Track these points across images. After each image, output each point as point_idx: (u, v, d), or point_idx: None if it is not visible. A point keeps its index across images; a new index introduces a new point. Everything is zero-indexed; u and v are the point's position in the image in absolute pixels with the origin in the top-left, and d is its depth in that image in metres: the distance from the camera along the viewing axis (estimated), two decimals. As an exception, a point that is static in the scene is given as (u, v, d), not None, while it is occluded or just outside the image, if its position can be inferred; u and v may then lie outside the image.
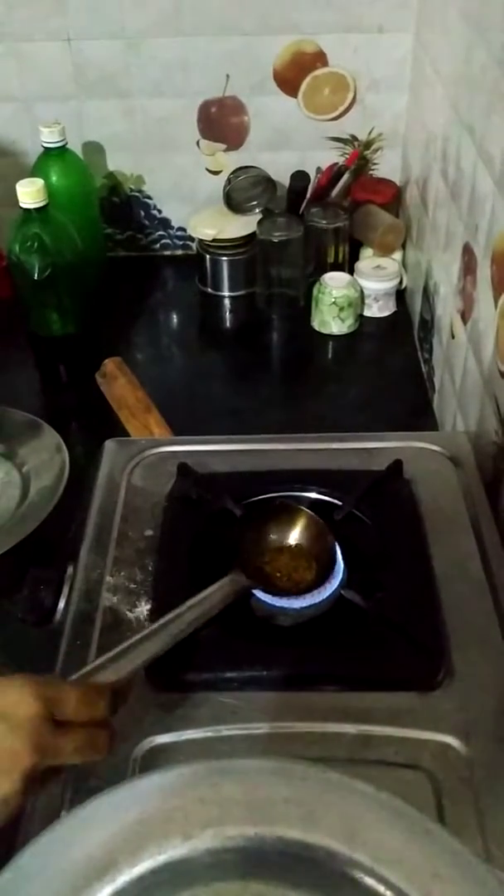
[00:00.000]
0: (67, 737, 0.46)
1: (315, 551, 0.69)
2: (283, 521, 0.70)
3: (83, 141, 1.28)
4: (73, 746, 0.47)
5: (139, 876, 0.36)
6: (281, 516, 0.70)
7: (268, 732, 0.59)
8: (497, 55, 0.78)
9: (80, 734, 0.47)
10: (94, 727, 0.48)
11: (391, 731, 0.59)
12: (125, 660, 0.54)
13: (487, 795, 0.55)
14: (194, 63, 1.22)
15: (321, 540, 0.69)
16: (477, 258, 0.86)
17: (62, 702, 0.47)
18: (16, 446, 0.97)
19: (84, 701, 0.48)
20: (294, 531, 0.70)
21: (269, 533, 0.70)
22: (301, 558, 0.69)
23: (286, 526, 0.70)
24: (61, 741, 0.46)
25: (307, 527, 0.70)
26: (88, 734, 0.48)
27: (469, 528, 0.74)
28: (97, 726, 0.48)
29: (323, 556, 0.68)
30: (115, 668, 0.53)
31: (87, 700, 0.48)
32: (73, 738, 0.47)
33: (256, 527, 0.70)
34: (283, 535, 0.70)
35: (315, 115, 1.27)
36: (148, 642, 0.56)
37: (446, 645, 0.64)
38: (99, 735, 0.48)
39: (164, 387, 1.10)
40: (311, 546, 0.69)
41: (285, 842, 0.37)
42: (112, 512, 0.77)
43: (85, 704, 0.48)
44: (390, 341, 1.22)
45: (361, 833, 0.37)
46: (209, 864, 0.37)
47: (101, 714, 0.49)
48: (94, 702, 0.49)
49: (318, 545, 0.69)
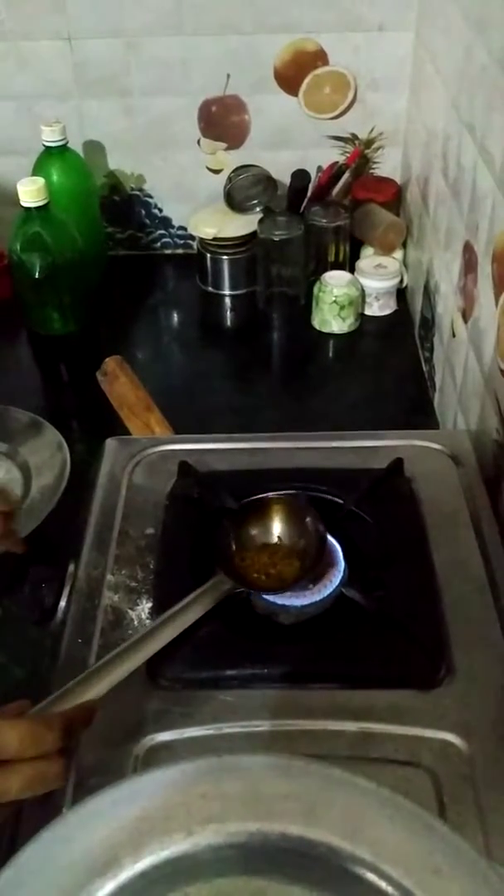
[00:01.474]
0: (12, 776, 0.46)
1: (301, 542, 0.68)
2: (264, 516, 0.70)
3: (84, 140, 1.28)
4: (18, 785, 0.46)
5: (141, 872, 0.36)
6: (262, 511, 0.70)
7: (269, 730, 0.59)
8: (497, 54, 0.78)
9: (26, 771, 0.46)
10: (44, 760, 0.47)
11: (392, 728, 0.59)
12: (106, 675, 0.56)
13: (488, 792, 0.55)
14: (195, 62, 1.22)
15: (305, 528, 0.69)
16: (478, 256, 0.86)
17: (1, 743, 0.46)
18: (17, 445, 0.97)
19: (28, 738, 0.47)
20: (276, 525, 0.70)
21: (251, 530, 0.70)
22: (284, 553, 0.69)
23: (267, 521, 0.70)
24: (5, 781, 0.45)
25: (289, 518, 0.70)
26: (36, 769, 0.47)
27: (470, 526, 0.74)
28: (48, 758, 0.47)
29: (309, 544, 0.68)
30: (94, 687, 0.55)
31: (31, 737, 0.47)
32: (19, 777, 0.46)
33: (237, 526, 0.70)
34: (265, 530, 0.70)
35: (316, 114, 1.27)
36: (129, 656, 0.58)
37: (447, 643, 0.64)
38: (50, 767, 0.47)
39: (164, 385, 1.10)
40: (294, 537, 0.69)
41: (287, 838, 0.37)
42: (113, 510, 0.77)
43: (30, 741, 0.47)
44: (391, 340, 1.22)
45: (363, 829, 0.37)
46: (211, 860, 0.37)
47: (50, 747, 0.47)
48: (40, 736, 0.47)
49: (303, 534, 0.69)
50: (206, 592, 0.64)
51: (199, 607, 0.63)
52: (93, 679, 0.55)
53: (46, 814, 0.54)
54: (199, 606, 0.63)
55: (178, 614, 0.62)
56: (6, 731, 0.46)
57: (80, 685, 0.55)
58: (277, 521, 0.70)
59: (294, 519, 0.70)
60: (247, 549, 0.69)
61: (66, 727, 0.49)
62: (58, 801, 0.55)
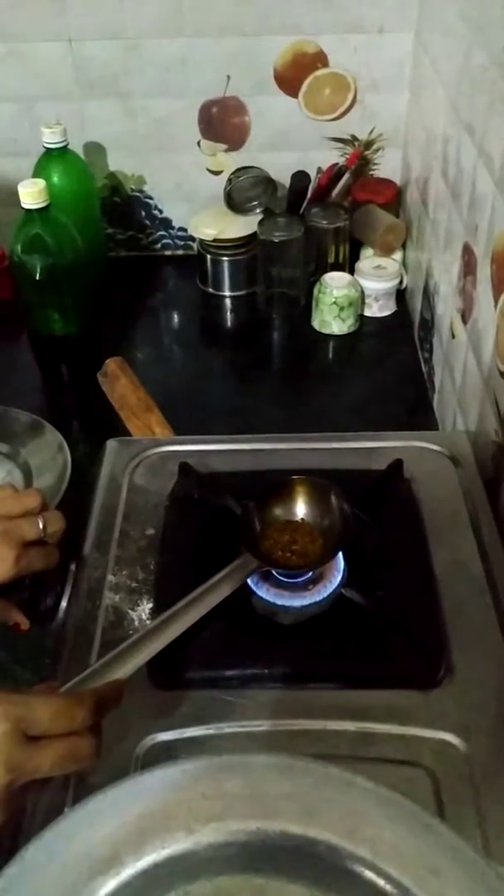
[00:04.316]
0: (44, 751, 0.46)
1: (325, 521, 0.69)
2: (286, 496, 0.70)
3: (84, 141, 1.29)
4: (51, 761, 0.46)
5: (143, 870, 0.36)
6: (284, 492, 0.70)
7: (269, 730, 0.59)
8: (497, 55, 0.78)
9: (58, 747, 0.47)
10: (76, 737, 0.47)
11: (391, 728, 0.59)
12: (136, 653, 0.56)
13: (487, 792, 0.55)
14: (195, 63, 1.22)
15: (329, 507, 0.69)
16: (477, 258, 0.86)
17: (34, 718, 0.46)
18: (18, 446, 0.97)
19: (60, 714, 0.47)
20: (299, 505, 0.70)
21: (274, 510, 0.70)
22: (308, 532, 0.69)
23: (290, 501, 0.70)
24: (37, 757, 0.46)
25: (312, 497, 0.70)
26: (68, 746, 0.47)
27: (469, 527, 0.74)
28: (80, 735, 0.48)
29: (334, 522, 0.68)
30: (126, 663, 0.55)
31: (62, 712, 0.47)
32: (51, 752, 0.46)
33: (261, 507, 0.70)
34: (289, 510, 0.70)
35: (315, 116, 1.27)
36: (160, 633, 0.57)
37: (446, 643, 0.64)
38: (81, 744, 0.48)
39: (165, 386, 1.10)
40: (317, 516, 0.69)
41: (287, 836, 0.37)
42: (114, 511, 0.78)
43: (61, 717, 0.47)
44: (391, 341, 1.22)
45: (362, 828, 0.37)
46: (212, 859, 0.37)
47: (80, 724, 0.48)
48: (70, 713, 0.48)
49: (326, 512, 0.69)
50: (232, 572, 0.64)
51: (227, 587, 0.63)
52: (121, 659, 0.55)
53: (49, 812, 0.54)
54: (226, 586, 0.63)
55: (205, 594, 0.62)
56: (38, 707, 0.47)
57: (108, 665, 0.55)
58: (301, 502, 0.70)
59: (317, 498, 0.70)
60: (271, 529, 0.69)
61: (97, 704, 0.49)
62: (60, 800, 0.55)
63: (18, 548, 0.60)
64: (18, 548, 0.60)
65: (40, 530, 0.62)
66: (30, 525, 0.62)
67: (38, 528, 0.62)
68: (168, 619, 0.59)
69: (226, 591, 0.63)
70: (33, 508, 0.63)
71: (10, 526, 0.61)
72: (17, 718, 0.45)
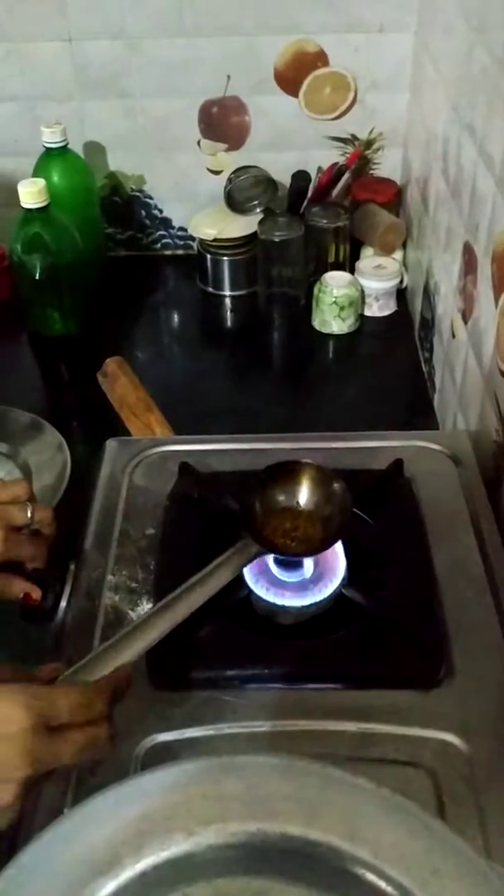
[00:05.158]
0: (65, 742, 0.47)
1: (326, 509, 0.69)
2: (288, 481, 0.70)
3: (84, 141, 1.28)
4: (71, 750, 0.47)
5: (142, 872, 0.36)
6: (286, 476, 0.70)
7: (269, 730, 0.59)
8: (497, 55, 0.78)
9: (78, 737, 0.47)
10: (93, 725, 0.48)
11: (392, 728, 0.59)
12: (140, 638, 0.56)
13: (487, 793, 0.55)
14: (195, 63, 1.22)
15: (331, 494, 0.69)
16: (477, 257, 0.86)
17: (55, 710, 0.47)
18: (17, 445, 0.97)
19: (80, 704, 0.48)
20: (301, 490, 0.70)
21: (276, 496, 0.70)
22: (309, 519, 0.69)
23: (292, 486, 0.70)
24: (58, 747, 0.46)
25: (314, 483, 0.70)
26: (87, 735, 0.48)
27: (469, 526, 0.74)
28: (96, 723, 0.48)
29: (334, 511, 0.68)
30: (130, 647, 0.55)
31: (83, 702, 0.48)
32: (71, 743, 0.47)
33: (262, 491, 0.70)
34: (290, 496, 0.70)
35: (316, 115, 1.27)
36: (162, 618, 0.58)
37: (447, 643, 0.64)
38: (98, 733, 0.48)
39: (165, 386, 1.10)
40: (319, 502, 0.69)
41: (287, 838, 0.37)
42: (113, 511, 0.77)
43: (81, 708, 0.48)
44: (391, 340, 1.22)
45: (363, 829, 0.37)
46: (211, 860, 0.37)
47: (99, 713, 0.49)
48: (90, 703, 0.48)
49: (328, 499, 0.69)
50: (233, 556, 0.64)
51: (228, 571, 0.63)
52: (125, 643, 0.56)
53: (48, 814, 0.54)
54: (226, 571, 0.63)
55: (206, 578, 0.62)
56: (58, 698, 0.47)
57: (113, 649, 0.55)
58: (303, 487, 0.70)
59: (320, 485, 0.70)
60: (271, 514, 0.69)
61: (113, 693, 0.50)
62: (59, 802, 0.55)
63: (6, 530, 0.61)
64: (6, 530, 0.61)
65: (28, 517, 0.63)
66: (18, 510, 0.63)
67: (26, 513, 0.63)
68: (170, 604, 0.59)
69: (226, 576, 0.63)
70: (21, 496, 0.64)
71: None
72: (39, 712, 0.46)
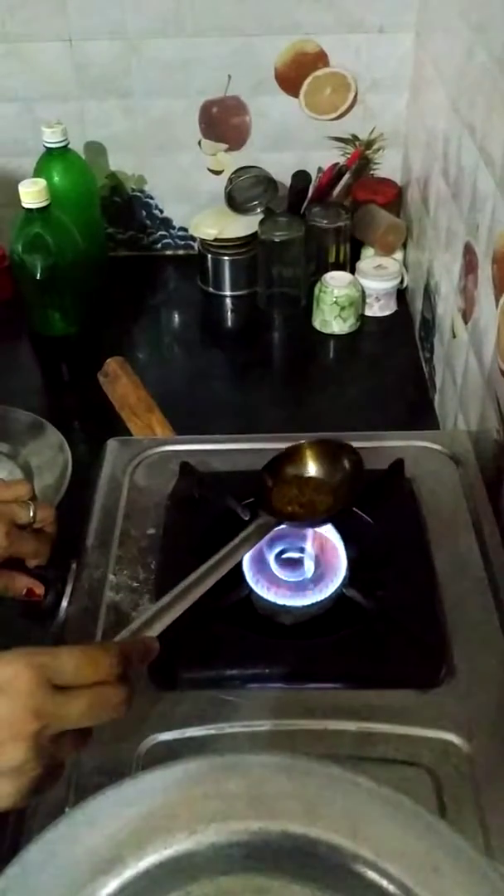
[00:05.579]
0: (72, 700, 0.46)
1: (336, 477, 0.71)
2: (301, 456, 0.73)
3: (85, 141, 1.29)
4: (79, 709, 0.46)
5: (144, 870, 0.36)
6: (300, 452, 0.73)
7: (270, 730, 0.59)
8: (497, 55, 0.78)
9: (86, 696, 0.47)
10: (105, 686, 0.48)
11: (392, 728, 0.59)
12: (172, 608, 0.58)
13: (488, 792, 0.55)
14: (196, 63, 1.22)
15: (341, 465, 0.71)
16: (478, 257, 0.86)
17: (59, 666, 0.46)
18: (19, 445, 0.97)
19: (85, 662, 0.47)
20: (310, 463, 0.73)
21: (289, 469, 0.72)
22: (316, 486, 0.71)
23: (306, 459, 0.73)
24: (65, 705, 0.46)
25: (326, 454, 0.72)
26: (97, 695, 0.47)
27: (470, 526, 0.74)
28: (109, 684, 0.48)
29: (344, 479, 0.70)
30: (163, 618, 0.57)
31: (88, 661, 0.47)
32: (80, 701, 0.46)
33: (277, 468, 0.72)
34: (302, 466, 0.73)
35: (316, 115, 1.27)
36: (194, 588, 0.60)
37: (447, 643, 0.64)
38: (110, 693, 0.48)
39: (165, 386, 1.10)
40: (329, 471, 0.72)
41: (288, 836, 0.37)
42: (114, 511, 0.78)
43: (87, 665, 0.47)
44: (391, 341, 1.22)
45: (363, 827, 0.37)
46: (213, 859, 0.37)
47: (108, 673, 0.48)
48: (97, 661, 0.48)
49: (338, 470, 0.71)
50: (250, 534, 0.66)
51: (244, 548, 0.65)
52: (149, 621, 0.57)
53: (50, 813, 0.54)
54: (243, 548, 0.65)
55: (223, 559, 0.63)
56: (61, 656, 0.47)
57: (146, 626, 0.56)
58: (312, 461, 0.73)
59: (330, 456, 0.72)
60: (280, 485, 0.72)
61: (123, 654, 0.49)
62: (61, 800, 0.55)
63: (8, 525, 0.62)
64: (8, 525, 0.62)
65: (30, 515, 0.64)
66: (20, 508, 0.64)
67: (29, 512, 0.64)
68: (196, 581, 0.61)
69: (243, 552, 0.65)
70: (23, 495, 0.65)
71: (1, 507, 0.63)
72: (41, 665, 0.46)
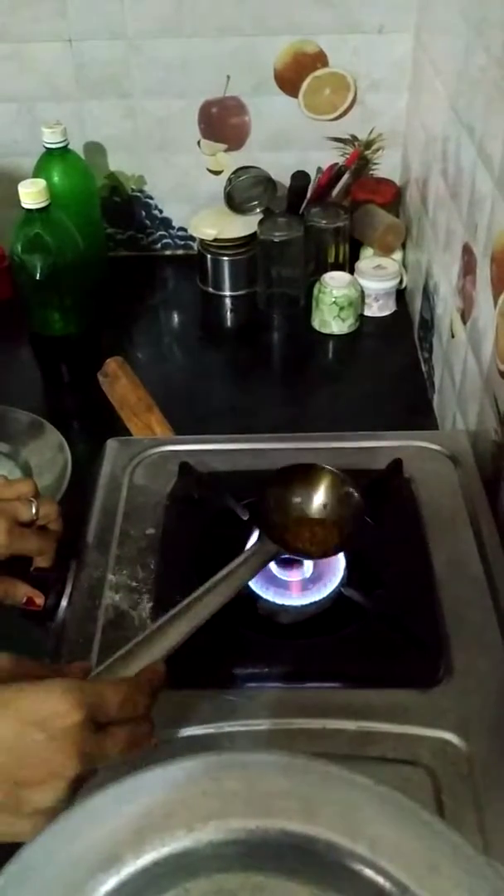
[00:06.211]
0: (110, 740, 0.47)
1: (339, 512, 0.69)
2: (305, 483, 0.70)
3: (84, 141, 1.29)
4: (118, 748, 0.47)
5: (143, 868, 0.37)
6: (303, 478, 0.70)
7: (269, 729, 0.60)
8: (497, 55, 0.78)
9: (122, 734, 0.47)
10: (135, 723, 0.48)
11: (391, 727, 0.59)
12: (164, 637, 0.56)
13: (486, 791, 0.55)
14: (195, 63, 1.22)
15: (345, 500, 0.69)
16: (477, 258, 0.86)
17: (105, 706, 0.47)
18: (18, 445, 0.97)
19: (127, 701, 0.48)
20: (317, 494, 0.70)
21: (292, 497, 0.70)
22: (324, 521, 0.69)
23: (309, 488, 0.70)
24: (105, 745, 0.46)
25: (330, 488, 0.70)
26: (130, 732, 0.48)
27: (468, 526, 0.75)
28: (139, 721, 0.49)
29: (347, 513, 0.68)
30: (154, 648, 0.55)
31: (130, 699, 0.48)
32: (117, 740, 0.47)
33: (278, 492, 0.70)
34: (306, 498, 0.70)
35: (315, 116, 1.28)
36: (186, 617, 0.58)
37: (445, 642, 0.64)
38: (140, 730, 0.48)
39: (165, 386, 1.10)
40: (334, 507, 0.69)
41: (286, 834, 0.37)
42: (114, 511, 0.78)
43: (128, 704, 0.48)
44: (390, 341, 1.22)
45: (361, 826, 0.37)
46: (212, 856, 0.37)
47: (142, 711, 0.49)
48: (134, 699, 0.48)
49: (342, 506, 0.69)
50: (253, 556, 0.64)
51: (248, 572, 0.63)
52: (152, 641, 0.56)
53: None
54: (247, 571, 0.63)
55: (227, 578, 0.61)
56: (108, 693, 0.47)
57: (140, 646, 0.55)
58: (319, 492, 0.70)
59: (333, 484, 0.70)
60: (288, 519, 0.69)
61: (153, 689, 0.50)
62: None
63: (9, 523, 0.62)
64: (9, 523, 0.62)
65: (33, 513, 0.64)
66: (21, 506, 0.64)
67: (31, 509, 0.64)
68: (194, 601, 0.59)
69: (248, 576, 0.63)
70: (26, 494, 0.65)
71: (3, 505, 0.63)
72: (90, 707, 0.46)
